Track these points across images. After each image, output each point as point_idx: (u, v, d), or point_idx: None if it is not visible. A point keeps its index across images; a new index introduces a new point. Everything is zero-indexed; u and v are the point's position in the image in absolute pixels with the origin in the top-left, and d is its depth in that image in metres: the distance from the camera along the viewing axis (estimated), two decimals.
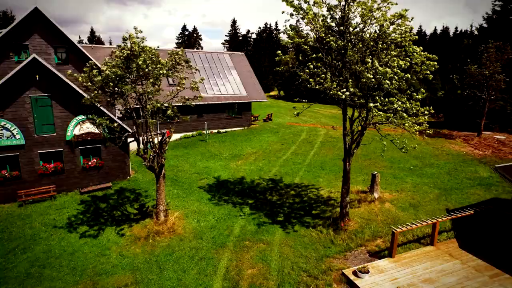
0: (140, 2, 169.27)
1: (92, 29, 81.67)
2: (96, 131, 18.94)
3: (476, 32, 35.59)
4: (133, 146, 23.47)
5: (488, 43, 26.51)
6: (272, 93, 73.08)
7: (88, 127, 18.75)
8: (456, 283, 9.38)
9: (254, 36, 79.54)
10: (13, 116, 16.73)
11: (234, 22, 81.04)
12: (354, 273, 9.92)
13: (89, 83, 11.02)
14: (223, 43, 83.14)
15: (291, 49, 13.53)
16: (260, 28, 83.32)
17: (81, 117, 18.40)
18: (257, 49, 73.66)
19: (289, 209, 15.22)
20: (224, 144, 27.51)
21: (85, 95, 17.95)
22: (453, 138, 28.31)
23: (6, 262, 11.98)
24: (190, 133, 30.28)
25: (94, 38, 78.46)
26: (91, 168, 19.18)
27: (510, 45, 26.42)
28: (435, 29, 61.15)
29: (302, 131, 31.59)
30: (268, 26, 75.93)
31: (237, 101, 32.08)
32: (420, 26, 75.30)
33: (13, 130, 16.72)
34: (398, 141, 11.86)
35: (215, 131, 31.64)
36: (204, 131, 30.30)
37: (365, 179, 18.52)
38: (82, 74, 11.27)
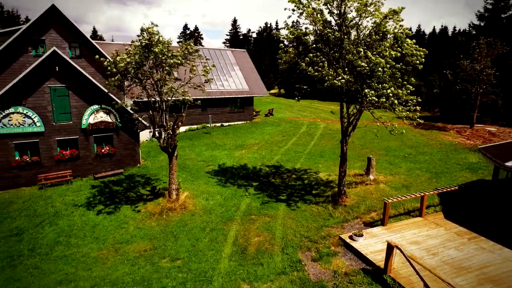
0: (140, 2, 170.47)
1: (94, 29, 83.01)
2: (109, 120, 20.21)
3: (472, 30, 36.84)
4: (142, 137, 24.73)
5: (480, 40, 27.78)
6: (272, 91, 74.30)
7: (102, 116, 19.97)
8: (438, 244, 10.61)
9: (254, 35, 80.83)
10: (34, 105, 17.97)
11: (235, 21, 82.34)
12: (350, 237, 11.15)
13: (114, 69, 12.23)
14: (223, 42, 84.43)
15: (291, 45, 14.56)
16: (260, 27, 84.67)
17: (95, 106, 19.62)
18: (257, 48, 74.94)
19: (291, 189, 16.45)
20: (227, 136, 28.75)
21: (100, 86, 19.29)
22: (447, 130, 29.58)
23: (36, 233, 13.21)
24: (195, 126, 31.50)
25: (96, 38, 79.66)
26: (104, 155, 20.40)
27: (500, 41, 27.68)
28: (434, 29, 62.50)
29: (303, 125, 32.82)
30: (269, 25, 77.23)
31: (239, 96, 33.32)
32: (419, 25, 76.82)
33: (34, 118, 17.95)
34: (389, 124, 13.01)
35: (219, 124, 32.86)
36: (208, 124, 31.54)
37: (362, 165, 19.72)
38: (108, 60, 12.51)
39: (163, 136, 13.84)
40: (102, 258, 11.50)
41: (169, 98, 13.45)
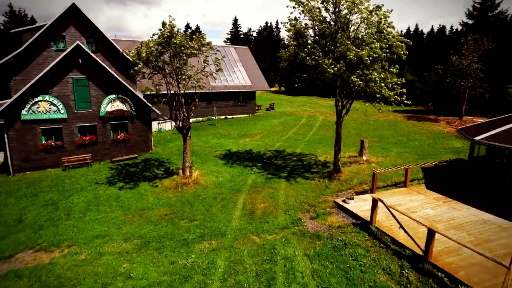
0: (140, 2, 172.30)
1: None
2: (125, 108, 22.05)
3: (463, 28, 38.70)
4: (153, 127, 26.55)
5: (468, 37, 29.65)
6: (273, 89, 76.10)
7: (118, 105, 21.81)
8: (418, 205, 12.45)
9: (255, 34, 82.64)
10: (58, 94, 19.81)
11: (235, 20, 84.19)
12: (343, 201, 12.99)
13: (137, 58, 14.06)
14: (224, 41, 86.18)
15: (292, 38, 16.01)
16: (260, 26, 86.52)
17: (112, 96, 21.46)
18: (258, 46, 76.76)
19: (291, 168, 18.29)
20: (232, 127, 30.60)
21: (117, 77, 21.12)
22: (437, 121, 31.45)
23: (68, 203, 15.04)
24: (200, 119, 33.34)
25: None
26: (119, 141, 22.24)
27: (487, 38, 29.55)
28: (432, 28, 64.21)
29: (302, 118, 34.69)
30: (269, 25, 79.06)
31: (242, 90, 35.18)
32: (417, 24, 78.50)
33: (58, 105, 19.79)
34: (376, 104, 14.79)
35: (223, 117, 34.72)
36: (213, 117, 33.38)
37: (356, 149, 21.49)
38: (132, 50, 14.35)
39: (179, 118, 15.68)
40: (129, 220, 13.33)
41: (186, 84, 15.26)
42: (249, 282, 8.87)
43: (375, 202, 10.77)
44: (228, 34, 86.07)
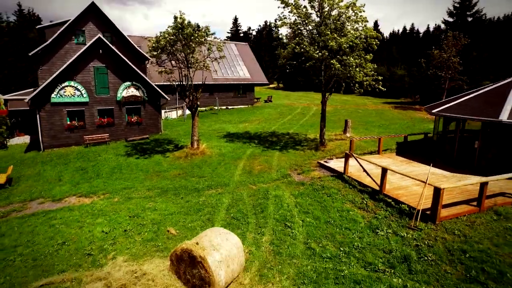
0: (140, 2, 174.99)
1: None
2: (138, 94, 24.92)
3: (446, 26, 41.58)
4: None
5: (448, 33, 32.57)
6: (272, 86, 78.97)
7: (133, 91, 24.67)
8: (385, 164, 15.26)
9: (254, 33, 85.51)
10: (81, 80, 22.67)
11: (235, 19, 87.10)
12: (325, 161, 15.85)
13: (156, 45, 16.92)
14: (225, 40, 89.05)
15: (290, 32, 18.67)
16: (260, 26, 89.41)
17: (127, 83, 24.32)
18: (257, 45, 79.61)
19: (284, 143, 21.16)
20: (232, 115, 33.47)
21: (132, 66, 23.97)
22: (421, 110, 34.33)
23: (95, 168, 17.90)
24: (203, 108, 36.19)
25: None
26: (133, 123, 25.09)
27: (465, 34, 32.45)
28: (428, 27, 67.21)
29: (297, 108, 37.58)
30: (268, 24, 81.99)
31: (242, 83, 38.04)
32: (412, 24, 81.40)
33: (81, 90, 22.65)
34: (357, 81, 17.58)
35: (224, 107, 37.58)
36: (215, 107, 36.24)
37: (342, 130, 24.44)
38: (153, 38, 17.24)
39: (190, 98, 18.54)
40: (149, 178, 16.18)
41: (195, 67, 18.13)
42: (248, 210, 11.73)
43: (347, 156, 13.63)
44: (228, 33, 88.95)
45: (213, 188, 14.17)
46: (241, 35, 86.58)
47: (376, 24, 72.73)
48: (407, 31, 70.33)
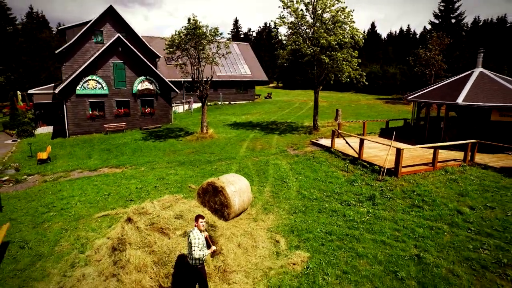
0: (140, 4, 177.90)
1: None
2: (151, 87, 27.76)
3: (432, 28, 44.51)
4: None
5: (432, 33, 35.52)
6: (271, 85, 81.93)
7: (147, 85, 27.52)
8: (369, 145, 18.12)
9: (254, 34, 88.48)
10: (102, 75, 25.52)
11: (236, 21, 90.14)
12: (316, 140, 18.69)
13: (173, 43, 19.79)
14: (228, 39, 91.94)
15: (289, 32, 21.28)
16: (260, 27, 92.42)
17: (142, 77, 27.17)
18: (257, 46, 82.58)
19: (282, 129, 24.00)
20: (235, 109, 36.34)
21: (147, 62, 26.81)
22: (408, 104, 37.21)
23: (118, 149, 20.72)
24: (208, 103, 38.93)
25: None
26: (146, 114, 27.93)
27: (449, 35, 35.40)
28: (424, 28, 70.34)
29: (295, 103, 40.46)
30: (268, 25, 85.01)
31: (244, 80, 40.92)
32: (408, 25, 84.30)
33: (102, 83, 25.50)
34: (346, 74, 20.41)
35: (227, 102, 40.43)
36: (219, 102, 39.09)
37: (333, 119, 27.28)
38: (169, 37, 20.10)
39: (201, 89, 21.40)
40: (167, 155, 18.98)
41: (205, 61, 21.00)
42: (252, 173, 14.54)
43: (333, 133, 16.48)
44: (229, 34, 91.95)
45: (222, 160, 16.98)
46: (242, 36, 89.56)
47: (373, 25, 75.80)
48: (404, 32, 73.43)
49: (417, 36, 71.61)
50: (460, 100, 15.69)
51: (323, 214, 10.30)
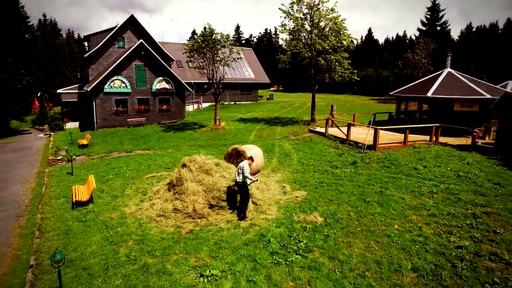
0: (142, 10, 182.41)
1: None
2: (168, 87, 31.38)
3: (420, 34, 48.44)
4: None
5: (420, 39, 39.32)
6: (272, 89, 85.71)
7: (164, 85, 31.14)
8: (356, 131, 21.67)
9: (255, 40, 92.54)
10: (126, 75, 29.15)
11: (238, 27, 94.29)
12: (313, 128, 22.26)
13: (192, 46, 23.44)
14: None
15: (289, 39, 24.67)
16: (260, 33, 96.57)
17: (160, 78, 30.80)
18: (258, 51, 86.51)
19: (285, 122, 27.58)
20: (240, 108, 39.97)
21: (165, 64, 30.49)
22: None
23: (143, 138, 24.27)
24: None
25: None
26: (163, 110, 31.50)
27: (434, 41, 39.22)
28: (415, 34, 74.72)
29: (296, 103, 44.12)
30: (268, 31, 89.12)
31: (248, 82, 44.60)
32: (404, 31, 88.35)
33: (126, 83, 29.11)
34: (338, 74, 24.06)
35: (232, 103, 44.06)
36: (225, 102, 42.72)
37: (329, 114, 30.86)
38: (189, 42, 23.74)
39: (215, 86, 25.01)
40: (187, 142, 22.48)
41: (219, 63, 24.65)
42: (263, 150, 18.07)
43: (327, 120, 20.06)
44: (231, 39, 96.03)
45: (236, 144, 20.47)
46: (243, 42, 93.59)
47: (370, 31, 79.97)
48: (400, 38, 77.49)
49: (414, 41, 75.88)
50: (429, 93, 19.31)
51: (317, 172, 13.82)
